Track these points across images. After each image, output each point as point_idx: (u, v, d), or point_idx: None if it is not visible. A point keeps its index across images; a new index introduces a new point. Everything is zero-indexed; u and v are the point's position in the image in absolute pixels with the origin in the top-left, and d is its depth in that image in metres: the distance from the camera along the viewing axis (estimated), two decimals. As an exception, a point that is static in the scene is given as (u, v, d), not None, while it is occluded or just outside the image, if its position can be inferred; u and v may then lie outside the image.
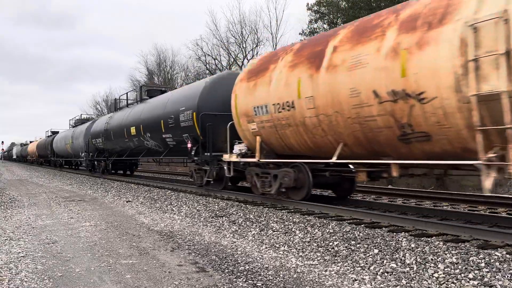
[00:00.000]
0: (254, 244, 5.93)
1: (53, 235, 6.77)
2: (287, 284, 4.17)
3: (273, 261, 5.02)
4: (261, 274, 4.48)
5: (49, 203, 11.23)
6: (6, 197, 12.63)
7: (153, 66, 47.39)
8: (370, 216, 6.65)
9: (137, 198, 11.66)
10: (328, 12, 26.39)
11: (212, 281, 4.29)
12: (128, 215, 8.99)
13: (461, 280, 3.85)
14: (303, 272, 4.58)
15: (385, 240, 5.14)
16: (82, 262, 5.11)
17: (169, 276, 4.47)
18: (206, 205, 9.04)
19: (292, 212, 7.47)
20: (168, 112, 12.74)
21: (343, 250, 5.10)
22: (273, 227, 6.55)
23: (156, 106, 14.22)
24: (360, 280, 4.20)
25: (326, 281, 4.26)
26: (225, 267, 4.76)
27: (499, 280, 3.73)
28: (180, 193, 11.30)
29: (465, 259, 4.21)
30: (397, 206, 8.05)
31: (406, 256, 4.55)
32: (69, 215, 8.94)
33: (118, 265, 4.92)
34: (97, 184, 16.79)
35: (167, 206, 9.73)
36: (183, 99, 12.13)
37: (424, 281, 3.97)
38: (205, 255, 5.36)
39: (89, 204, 10.94)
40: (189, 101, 11.58)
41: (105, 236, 6.69)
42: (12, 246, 5.95)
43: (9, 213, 9.41)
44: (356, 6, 22.99)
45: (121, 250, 5.71)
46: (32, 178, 24.12)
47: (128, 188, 14.05)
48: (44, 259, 5.23)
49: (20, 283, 4.28)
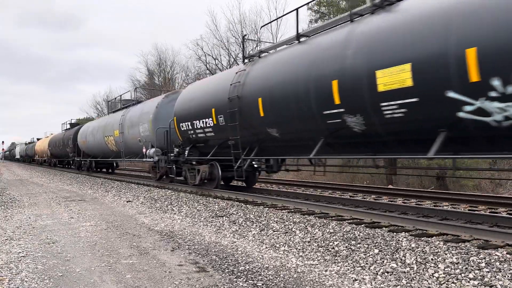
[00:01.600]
0: (255, 244, 5.93)
1: (53, 235, 6.77)
2: (287, 284, 4.17)
3: (273, 261, 5.02)
4: (261, 274, 4.48)
5: (50, 203, 11.23)
6: (7, 197, 12.63)
7: (153, 66, 47.40)
8: (371, 216, 6.65)
9: (137, 198, 11.66)
10: (328, 12, 26.41)
11: (213, 281, 4.29)
12: (128, 215, 9.00)
13: (461, 280, 3.85)
14: (303, 272, 4.58)
15: (385, 240, 5.14)
16: (83, 262, 5.11)
17: (170, 276, 4.47)
18: (206, 205, 9.04)
19: (292, 212, 7.46)
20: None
21: (344, 250, 5.10)
22: (273, 227, 6.55)
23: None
24: (361, 280, 4.20)
25: (326, 281, 4.26)
26: (225, 267, 4.76)
27: (500, 280, 3.73)
28: (180, 193, 11.30)
29: (466, 259, 4.21)
30: (397, 206, 8.05)
31: (407, 256, 4.55)
32: (69, 215, 8.94)
33: (118, 265, 4.93)
34: (97, 184, 16.78)
35: (167, 206, 9.73)
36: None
37: (425, 281, 3.97)
38: (206, 255, 5.36)
39: (89, 204, 10.94)
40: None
41: (106, 236, 6.69)
42: (12, 246, 5.95)
43: (10, 213, 9.41)
44: (356, 6, 22.99)
45: (121, 250, 5.71)
46: (32, 178, 24.12)
47: (128, 188, 14.06)
48: (44, 259, 5.23)
49: (21, 283, 4.28)
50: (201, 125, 11.04)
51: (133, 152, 17.00)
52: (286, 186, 13.86)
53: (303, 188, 13.00)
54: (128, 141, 16.99)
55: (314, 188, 12.56)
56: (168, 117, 13.56)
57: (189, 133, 11.82)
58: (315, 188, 12.52)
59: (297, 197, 10.46)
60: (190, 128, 11.63)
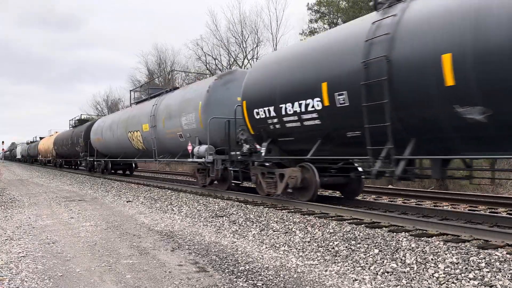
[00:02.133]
0: (255, 244, 5.93)
1: (53, 235, 6.77)
2: (287, 284, 4.17)
3: (274, 261, 5.02)
4: (261, 274, 4.48)
5: (50, 203, 11.23)
6: (7, 197, 12.63)
7: (154, 66, 47.40)
8: (371, 216, 6.65)
9: (137, 198, 11.66)
10: (328, 12, 26.43)
11: (213, 281, 4.29)
12: (128, 215, 8.99)
13: (461, 280, 3.85)
14: (303, 272, 4.58)
15: (385, 240, 5.14)
16: (83, 262, 5.11)
17: (169, 276, 4.47)
18: (206, 205, 9.04)
19: (292, 212, 7.46)
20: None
21: (344, 250, 5.10)
22: (273, 227, 6.55)
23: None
24: (361, 280, 4.20)
25: (326, 281, 4.26)
26: (225, 267, 4.76)
27: (500, 280, 3.73)
28: (180, 193, 11.30)
29: (466, 259, 4.21)
30: (397, 206, 8.05)
31: (407, 256, 4.55)
32: (69, 215, 8.94)
33: (118, 265, 4.93)
34: (97, 184, 16.78)
35: (167, 206, 9.73)
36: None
37: (425, 281, 3.96)
38: (206, 255, 5.36)
39: (89, 204, 10.94)
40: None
41: (106, 236, 6.69)
42: (12, 246, 5.95)
43: (10, 213, 9.41)
44: (356, 5, 23.00)
45: (121, 250, 5.71)
46: (32, 178, 24.12)
47: (128, 188, 14.06)
48: (44, 259, 5.23)
49: (21, 283, 4.28)
50: (296, 109, 7.68)
51: (168, 150, 13.90)
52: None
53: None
54: (163, 136, 13.66)
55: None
56: (223, 104, 10.74)
57: (268, 123, 8.51)
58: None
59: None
60: (273, 116, 8.29)
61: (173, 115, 12.83)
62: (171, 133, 13.00)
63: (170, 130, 13.04)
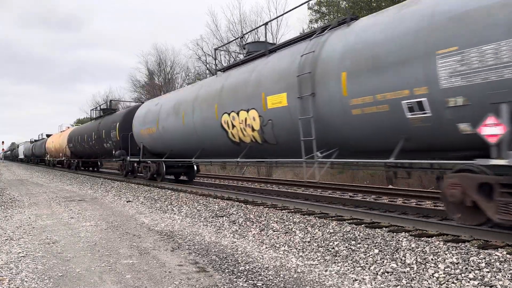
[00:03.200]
0: (255, 244, 5.93)
1: (53, 235, 6.77)
2: (287, 284, 4.17)
3: (274, 261, 5.02)
4: (261, 274, 4.48)
5: (50, 203, 11.23)
6: (7, 197, 12.63)
7: (154, 66, 47.40)
8: (371, 216, 6.65)
9: (137, 198, 11.66)
10: (329, 12, 26.42)
11: (212, 281, 4.29)
12: (128, 215, 8.99)
13: (461, 280, 3.85)
14: (304, 272, 4.58)
15: (385, 240, 5.14)
16: (83, 262, 5.11)
17: (169, 276, 4.47)
18: (207, 205, 9.05)
19: (292, 212, 7.47)
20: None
21: (344, 250, 5.10)
22: (273, 227, 6.55)
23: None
24: (361, 280, 4.20)
25: (326, 281, 4.26)
26: (225, 267, 4.76)
27: (500, 280, 3.73)
28: (180, 193, 11.30)
29: (466, 259, 4.21)
30: (397, 206, 8.05)
31: (407, 256, 4.55)
32: (69, 215, 8.94)
33: (118, 265, 4.93)
34: (97, 184, 16.79)
35: (167, 206, 9.73)
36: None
37: (425, 281, 3.96)
38: (205, 255, 5.36)
39: (89, 204, 10.94)
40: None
41: (106, 236, 6.69)
42: (12, 246, 5.95)
43: (10, 213, 9.41)
44: (356, 6, 23.00)
45: (121, 250, 5.71)
46: (32, 178, 24.12)
47: (128, 188, 14.06)
48: (44, 259, 5.23)
49: (21, 283, 4.28)
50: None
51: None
52: (286, 186, 13.86)
53: (303, 188, 13.00)
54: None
55: (314, 188, 12.56)
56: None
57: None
58: (315, 188, 12.51)
59: (297, 197, 10.47)
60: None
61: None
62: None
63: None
